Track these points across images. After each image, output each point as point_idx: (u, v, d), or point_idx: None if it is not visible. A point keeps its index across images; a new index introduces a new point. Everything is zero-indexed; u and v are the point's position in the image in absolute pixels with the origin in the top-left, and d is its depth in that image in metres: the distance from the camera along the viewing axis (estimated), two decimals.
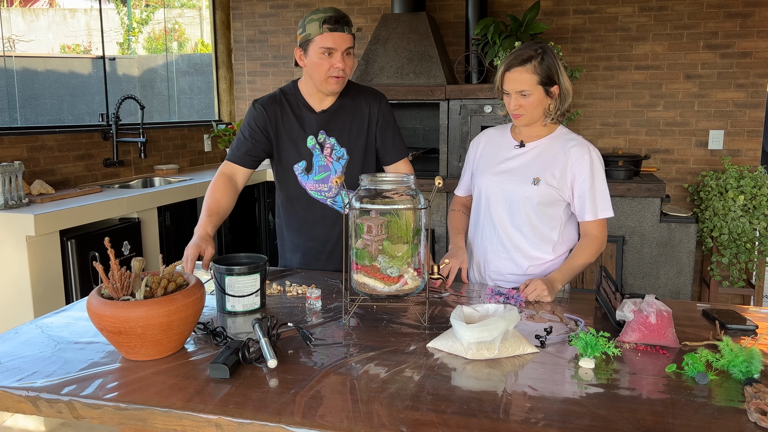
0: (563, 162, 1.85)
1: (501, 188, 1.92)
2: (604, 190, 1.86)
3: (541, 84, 1.80)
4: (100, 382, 1.20)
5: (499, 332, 1.31)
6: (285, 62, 4.84)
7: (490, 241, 1.97)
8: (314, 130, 1.99)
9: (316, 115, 1.99)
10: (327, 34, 1.82)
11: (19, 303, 2.66)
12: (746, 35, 3.90)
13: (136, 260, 1.36)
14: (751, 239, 3.62)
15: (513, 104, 1.84)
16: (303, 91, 2.01)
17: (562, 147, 1.87)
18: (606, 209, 1.85)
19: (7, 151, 3.14)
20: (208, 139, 4.75)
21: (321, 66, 1.86)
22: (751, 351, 1.24)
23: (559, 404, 1.12)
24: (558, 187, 1.85)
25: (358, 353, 1.35)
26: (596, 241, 1.86)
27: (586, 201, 1.85)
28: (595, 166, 1.85)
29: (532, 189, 1.86)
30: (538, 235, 1.90)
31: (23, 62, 4.95)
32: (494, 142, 2.01)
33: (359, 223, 1.48)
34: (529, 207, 1.88)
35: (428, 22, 4.09)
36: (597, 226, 1.86)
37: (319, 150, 1.99)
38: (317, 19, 1.83)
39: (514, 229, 1.92)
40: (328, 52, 1.84)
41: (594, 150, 1.87)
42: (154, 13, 6.33)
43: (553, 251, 1.92)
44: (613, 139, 4.22)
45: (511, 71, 1.81)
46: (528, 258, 1.93)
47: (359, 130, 2.01)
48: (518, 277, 1.95)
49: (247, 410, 1.10)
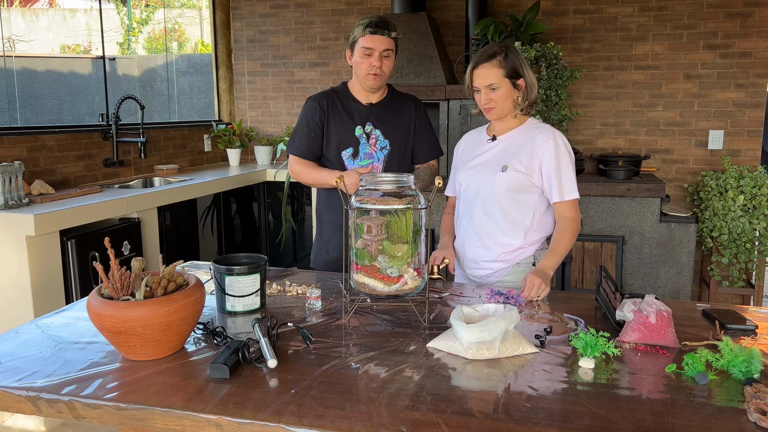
0: (531, 149, 1.95)
1: (474, 179, 2.03)
2: (570, 173, 1.94)
3: (507, 77, 1.92)
4: (100, 382, 1.21)
5: (499, 332, 1.31)
6: (285, 62, 4.85)
7: (467, 231, 2.06)
8: (362, 121, 2.24)
9: (364, 107, 2.25)
10: (368, 36, 2.08)
11: (19, 303, 2.66)
12: (746, 35, 3.90)
13: (136, 260, 1.36)
14: (750, 239, 3.62)
15: (483, 99, 1.95)
16: (352, 89, 2.27)
17: (529, 135, 1.97)
18: (571, 191, 1.94)
19: (7, 151, 3.14)
20: (208, 139, 4.75)
21: (362, 64, 2.12)
22: (751, 351, 1.24)
23: (559, 404, 1.12)
24: (526, 172, 1.94)
25: (358, 353, 1.35)
26: (573, 223, 1.94)
27: (553, 183, 1.93)
28: (560, 150, 1.93)
29: (501, 176, 1.95)
30: (510, 222, 1.98)
31: (23, 62, 4.95)
32: (472, 140, 2.15)
33: (359, 223, 1.48)
34: (500, 194, 1.96)
35: (428, 22, 4.09)
36: (569, 207, 1.94)
37: (365, 139, 2.24)
38: (362, 24, 2.10)
39: (486, 216, 2.00)
40: (368, 52, 2.10)
41: (559, 136, 1.96)
42: (154, 13, 6.34)
43: (525, 238, 1.99)
44: (613, 139, 4.22)
45: (479, 68, 1.93)
46: (500, 245, 2.00)
47: (401, 126, 2.28)
48: (491, 264, 2.02)
49: (247, 410, 1.10)
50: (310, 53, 4.78)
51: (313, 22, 4.73)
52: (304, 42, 4.77)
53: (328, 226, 2.35)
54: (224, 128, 4.73)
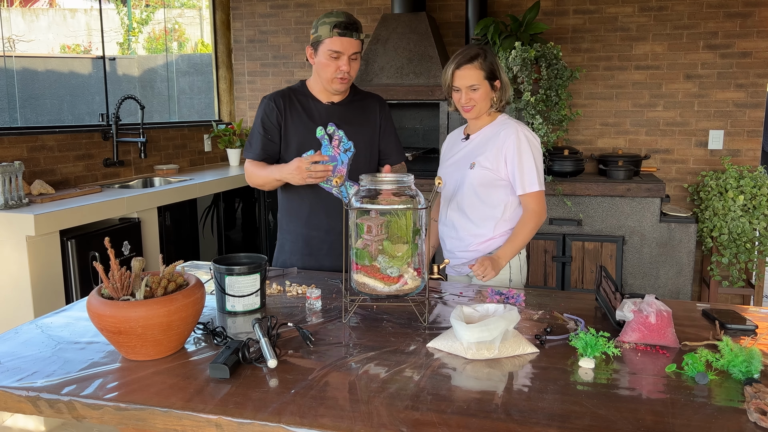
0: (496, 145, 2.02)
1: (449, 177, 2.14)
2: (531, 166, 2.00)
3: (486, 78, 2.00)
4: (100, 382, 1.21)
5: (499, 332, 1.31)
6: (285, 62, 4.84)
7: (445, 224, 2.17)
8: (323, 121, 2.09)
9: (325, 106, 2.11)
10: (336, 38, 1.94)
11: (19, 303, 2.66)
12: (746, 35, 3.90)
13: (136, 260, 1.36)
14: (750, 239, 3.62)
15: (464, 99, 2.01)
16: (311, 88, 2.13)
17: (496, 132, 2.05)
18: (532, 183, 1.99)
19: (7, 151, 3.14)
20: (208, 139, 4.74)
21: (328, 67, 1.98)
22: (751, 351, 1.24)
23: (559, 404, 1.12)
24: (492, 168, 2.02)
25: (358, 353, 1.35)
26: (534, 216, 2.01)
27: (516, 176, 2.01)
28: (521, 144, 1.99)
29: (470, 173, 2.05)
30: (480, 215, 2.07)
31: (23, 62, 4.95)
32: (452, 140, 2.25)
33: (359, 223, 1.48)
34: (470, 190, 2.06)
35: (428, 22, 4.09)
36: (532, 199, 2.01)
37: (327, 140, 2.09)
38: (329, 23, 1.94)
39: (459, 211, 2.10)
40: (335, 55, 1.96)
41: (523, 131, 2.02)
42: (154, 13, 6.34)
43: (494, 229, 2.07)
44: (613, 139, 4.22)
45: (461, 69, 1.99)
46: (472, 236, 2.09)
47: (366, 126, 2.15)
48: (465, 254, 2.11)
49: (247, 410, 1.10)
50: None
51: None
52: (304, 42, 4.76)
53: (288, 235, 2.18)
54: (224, 128, 4.73)
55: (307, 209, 2.12)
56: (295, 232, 2.16)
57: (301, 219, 2.14)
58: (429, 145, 4.43)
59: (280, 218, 2.22)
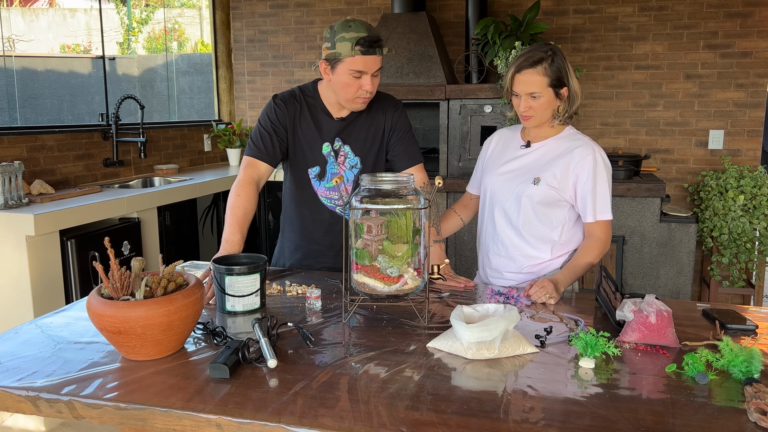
0: (566, 162, 1.85)
1: (503, 187, 1.93)
2: (605, 193, 1.84)
3: (551, 86, 1.79)
4: (100, 382, 1.20)
5: (499, 332, 1.31)
6: (285, 62, 4.84)
7: (492, 239, 1.99)
8: (331, 137, 1.96)
9: (335, 122, 1.96)
10: (359, 57, 1.75)
11: (19, 303, 2.66)
12: (746, 35, 3.90)
13: (136, 260, 1.36)
14: (751, 239, 3.62)
15: (523, 106, 1.83)
16: (324, 98, 1.96)
17: (567, 148, 1.86)
18: (605, 211, 1.84)
19: (7, 151, 3.14)
20: (208, 139, 4.74)
21: (350, 87, 1.81)
22: (751, 351, 1.24)
23: (559, 404, 1.12)
24: (558, 187, 1.85)
25: (358, 353, 1.35)
26: (599, 243, 1.84)
27: (588, 202, 1.84)
28: (598, 168, 1.83)
29: (532, 189, 1.86)
30: (537, 235, 1.90)
31: (23, 62, 4.95)
32: (504, 141, 2.02)
33: (359, 223, 1.48)
34: (528, 206, 1.88)
35: (428, 22, 4.09)
36: (600, 227, 1.85)
37: (333, 157, 1.98)
38: (350, 39, 1.74)
39: (512, 227, 1.93)
40: (357, 75, 1.78)
41: (599, 152, 1.85)
42: (153, 13, 6.33)
43: (552, 252, 1.92)
44: (613, 139, 4.22)
45: (522, 73, 1.79)
46: (526, 257, 1.93)
47: (374, 139, 1.99)
48: (516, 275, 1.95)
49: (247, 410, 1.10)
50: (310, 53, 4.78)
51: (313, 22, 4.73)
52: (304, 42, 4.76)
53: (288, 243, 2.13)
54: (224, 128, 4.73)
55: (309, 223, 2.06)
56: (295, 241, 2.11)
57: (302, 231, 2.08)
58: (429, 145, 4.43)
59: (283, 222, 2.15)
